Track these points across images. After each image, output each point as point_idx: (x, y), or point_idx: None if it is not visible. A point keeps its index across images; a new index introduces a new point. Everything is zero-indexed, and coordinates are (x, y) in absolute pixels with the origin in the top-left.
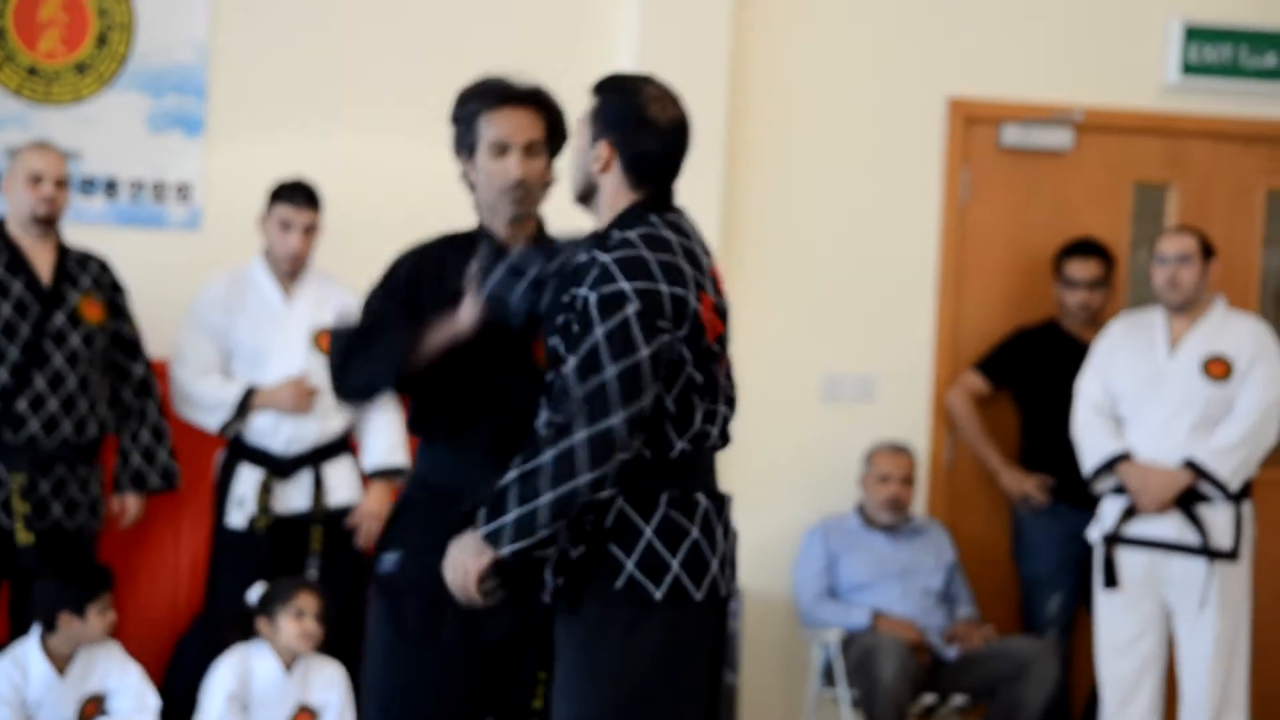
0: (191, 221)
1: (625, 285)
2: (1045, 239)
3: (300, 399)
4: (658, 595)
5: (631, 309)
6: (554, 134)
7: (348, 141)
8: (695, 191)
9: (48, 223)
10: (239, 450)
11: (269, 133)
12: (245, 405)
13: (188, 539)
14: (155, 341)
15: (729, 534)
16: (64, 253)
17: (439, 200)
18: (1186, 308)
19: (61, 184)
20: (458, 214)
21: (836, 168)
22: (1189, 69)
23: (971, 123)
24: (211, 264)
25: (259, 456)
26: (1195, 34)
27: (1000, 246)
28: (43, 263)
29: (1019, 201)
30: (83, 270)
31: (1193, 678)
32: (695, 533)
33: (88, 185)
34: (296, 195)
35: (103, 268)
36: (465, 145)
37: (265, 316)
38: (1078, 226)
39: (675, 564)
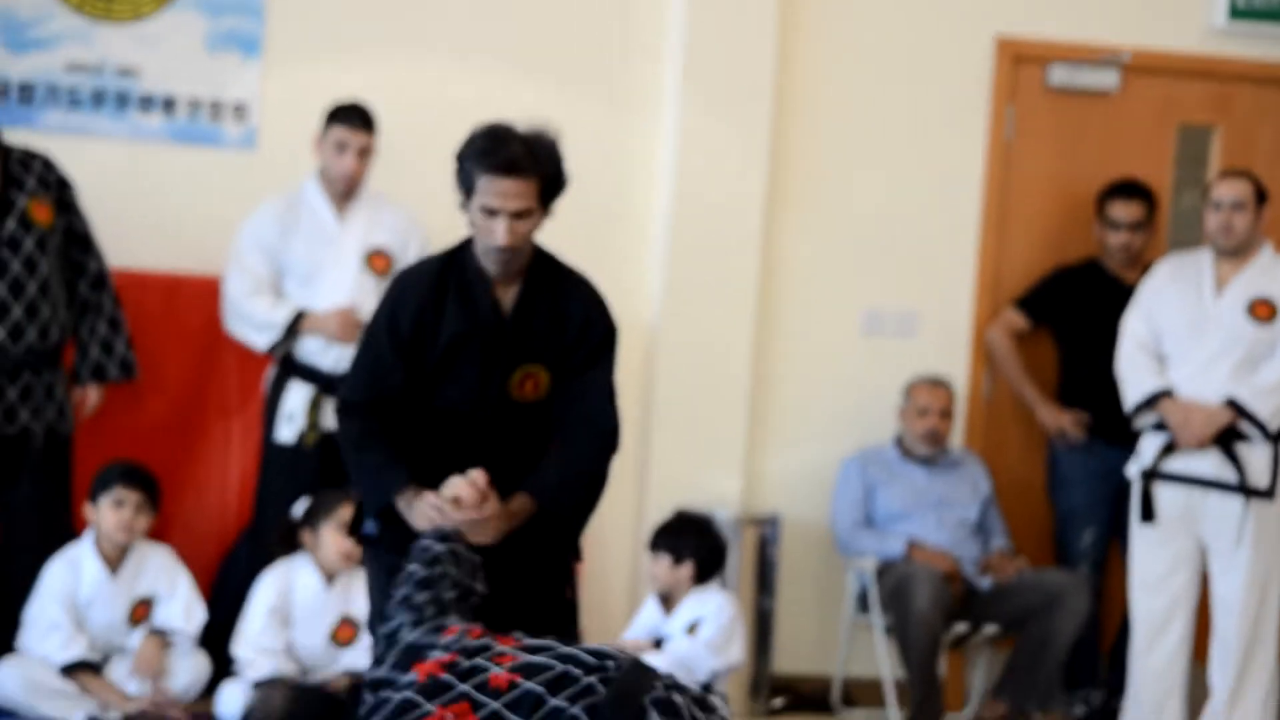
0: (247, 141)
1: None
2: (1089, 179)
3: (347, 329)
4: None
5: None
6: (550, 188)
7: (404, 64)
8: (744, 129)
9: None
10: (289, 367)
11: (326, 54)
12: (294, 328)
13: (237, 453)
14: (209, 259)
15: None
16: (6, 155)
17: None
18: (1238, 253)
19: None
20: None
21: (884, 105)
22: (1236, 13)
23: (1019, 62)
24: (266, 183)
25: (309, 374)
26: None
27: (1044, 185)
28: None
29: (1064, 141)
30: (26, 171)
31: (1225, 614)
32: None
33: (145, 102)
34: (352, 117)
35: (46, 165)
36: (464, 187)
37: (319, 237)
38: (1121, 167)
39: None
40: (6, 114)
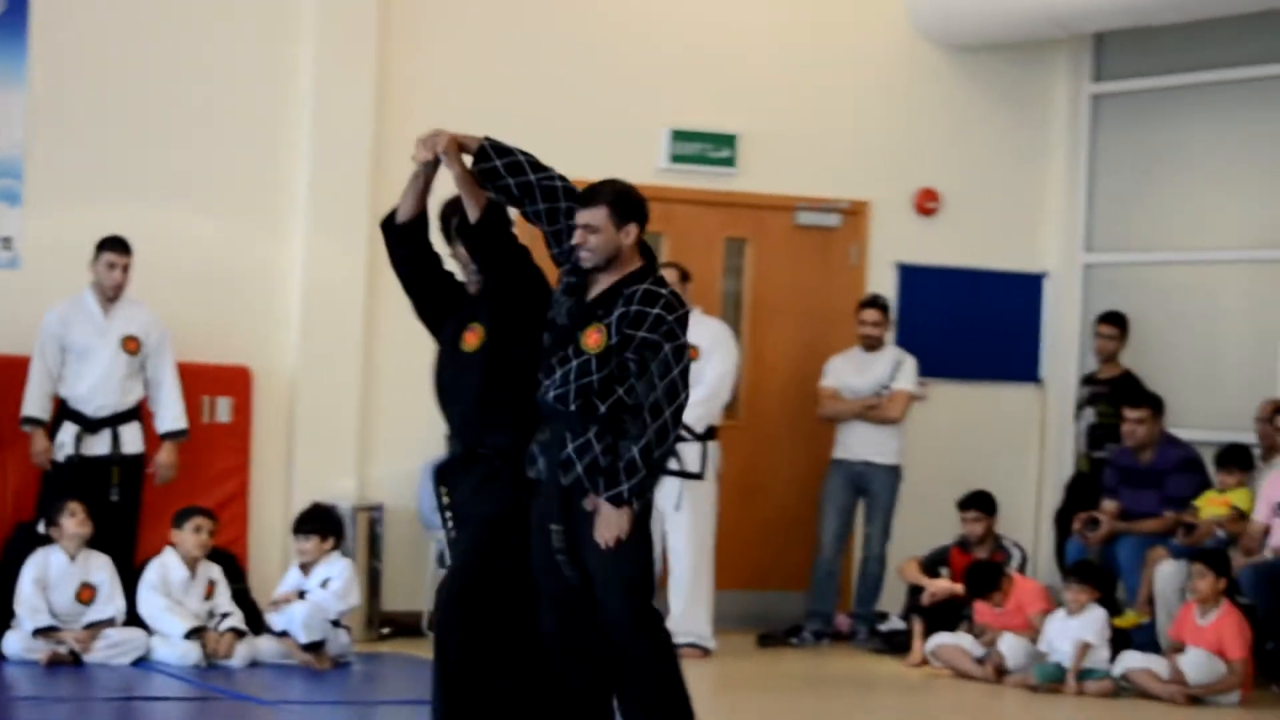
0: (13, 263)
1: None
2: None
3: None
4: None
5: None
6: None
7: (122, 213)
8: (349, 245)
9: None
10: (63, 411)
11: (65, 203)
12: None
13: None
14: None
15: None
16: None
17: (184, 254)
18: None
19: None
20: (199, 269)
21: None
22: (676, 159)
23: None
24: (27, 292)
25: (76, 416)
26: (680, 135)
27: None
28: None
29: None
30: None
31: (677, 557)
32: None
33: None
34: (119, 245)
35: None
36: None
37: (91, 328)
38: None
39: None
40: None
